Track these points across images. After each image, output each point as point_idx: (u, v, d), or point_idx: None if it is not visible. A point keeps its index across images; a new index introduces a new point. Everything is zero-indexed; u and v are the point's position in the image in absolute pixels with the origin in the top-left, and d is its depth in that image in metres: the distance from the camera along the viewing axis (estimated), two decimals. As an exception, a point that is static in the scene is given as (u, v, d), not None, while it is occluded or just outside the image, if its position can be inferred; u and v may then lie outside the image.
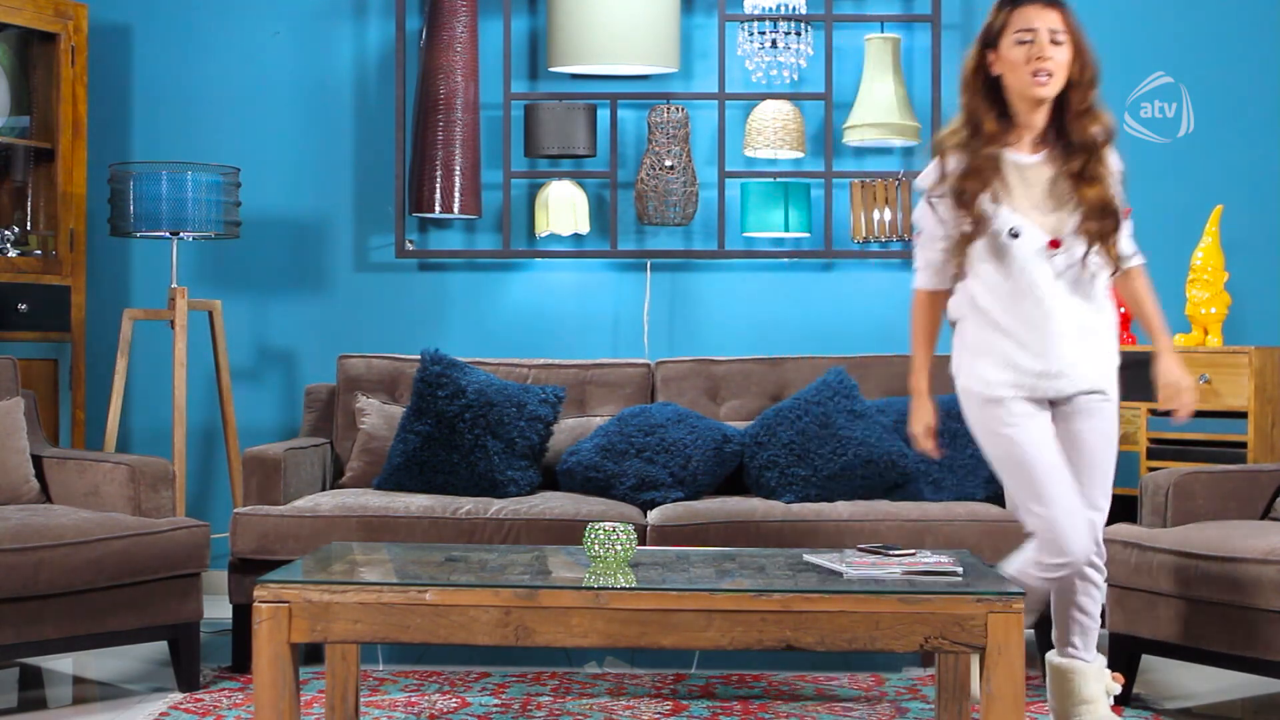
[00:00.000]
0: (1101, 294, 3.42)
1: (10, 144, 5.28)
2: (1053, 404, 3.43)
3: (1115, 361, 3.46)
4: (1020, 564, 3.41)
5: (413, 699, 3.98)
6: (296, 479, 4.54)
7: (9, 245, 5.19)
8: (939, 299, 3.53)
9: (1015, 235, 3.32)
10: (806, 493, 4.52)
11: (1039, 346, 3.36)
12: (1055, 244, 3.33)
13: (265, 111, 5.61)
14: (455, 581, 3.08)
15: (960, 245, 3.37)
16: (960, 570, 3.19)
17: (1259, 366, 4.75)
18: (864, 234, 5.42)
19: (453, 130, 5.32)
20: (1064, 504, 3.33)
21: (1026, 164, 3.37)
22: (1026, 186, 3.36)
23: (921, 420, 3.61)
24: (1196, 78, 5.48)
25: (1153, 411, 4.83)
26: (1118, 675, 3.56)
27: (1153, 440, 4.84)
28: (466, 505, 4.36)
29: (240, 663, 4.27)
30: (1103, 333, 3.42)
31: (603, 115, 5.46)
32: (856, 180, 5.41)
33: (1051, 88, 3.32)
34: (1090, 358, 3.40)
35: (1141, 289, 3.51)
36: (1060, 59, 3.31)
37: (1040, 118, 3.37)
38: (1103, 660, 3.54)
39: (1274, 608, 3.59)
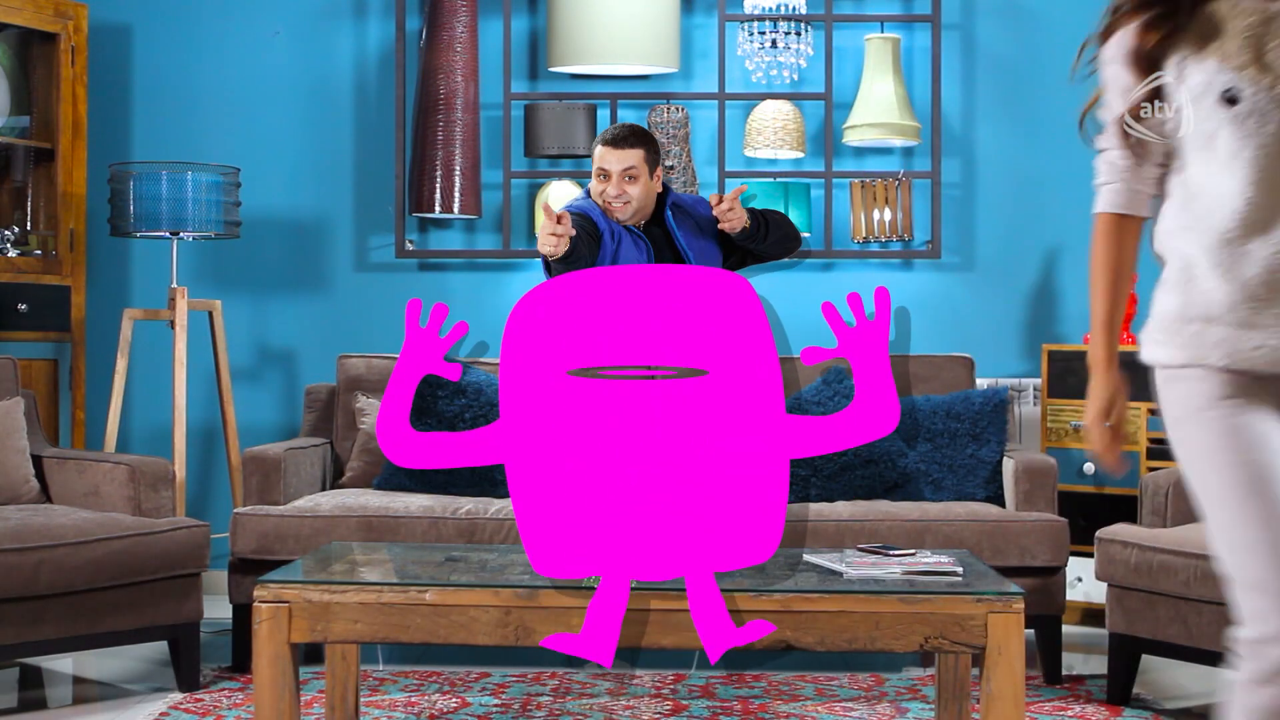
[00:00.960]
0: None
1: (10, 144, 5.28)
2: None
3: None
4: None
5: (413, 699, 3.98)
6: (296, 479, 4.54)
7: (9, 245, 5.19)
8: (1129, 228, 2.40)
9: (1232, 100, 2.24)
10: (806, 493, 4.52)
11: (1261, 287, 2.21)
12: None
13: (265, 111, 5.61)
14: (455, 581, 3.08)
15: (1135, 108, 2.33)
16: (960, 570, 3.19)
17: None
18: (864, 234, 5.42)
19: (453, 130, 5.32)
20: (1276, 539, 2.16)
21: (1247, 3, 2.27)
22: (1248, 33, 2.27)
23: (1095, 404, 2.38)
24: (1196, 78, 5.47)
25: (1152, 412, 4.82)
26: None
27: (1153, 440, 4.84)
28: (466, 505, 4.36)
29: (240, 663, 4.27)
30: None
31: (603, 115, 5.46)
32: (856, 180, 5.42)
33: None
34: None
35: None
36: None
37: None
38: None
39: (1274, 608, 3.58)
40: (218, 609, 4.80)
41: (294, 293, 5.61)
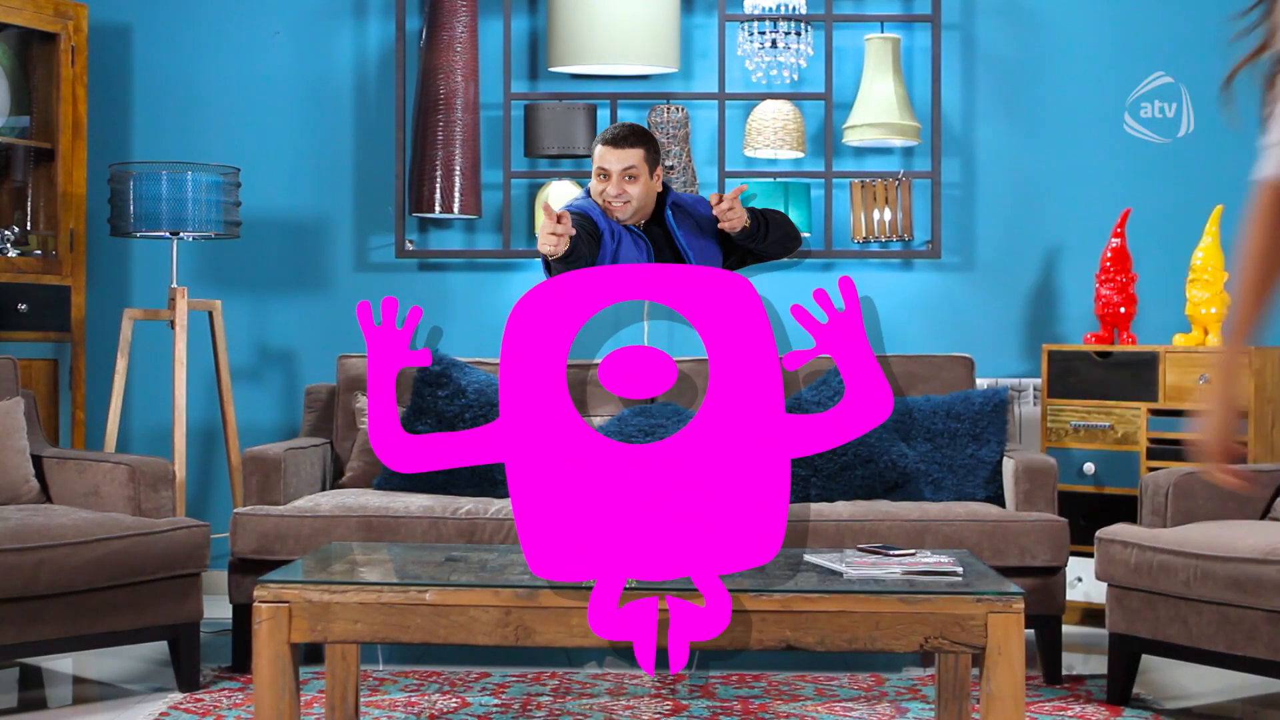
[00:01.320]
0: None
1: (10, 144, 5.28)
2: None
3: None
4: None
5: (413, 699, 3.98)
6: (296, 479, 4.54)
7: (9, 245, 5.19)
8: None
9: None
10: (806, 493, 4.52)
11: None
12: None
13: (265, 111, 5.61)
14: (455, 581, 3.08)
15: None
16: (960, 570, 3.19)
17: (1259, 367, 4.75)
18: (864, 234, 5.42)
19: (453, 130, 5.32)
20: None
21: None
22: None
23: (1214, 426, 1.96)
24: (1196, 78, 5.48)
25: (1153, 411, 4.82)
26: None
27: (1153, 440, 4.84)
28: (466, 505, 4.36)
29: (240, 663, 4.27)
30: None
31: (603, 115, 5.46)
32: (856, 180, 5.42)
33: None
34: None
35: None
36: None
37: None
38: None
39: (1274, 608, 3.59)
40: (218, 609, 4.80)
41: (294, 293, 5.61)
